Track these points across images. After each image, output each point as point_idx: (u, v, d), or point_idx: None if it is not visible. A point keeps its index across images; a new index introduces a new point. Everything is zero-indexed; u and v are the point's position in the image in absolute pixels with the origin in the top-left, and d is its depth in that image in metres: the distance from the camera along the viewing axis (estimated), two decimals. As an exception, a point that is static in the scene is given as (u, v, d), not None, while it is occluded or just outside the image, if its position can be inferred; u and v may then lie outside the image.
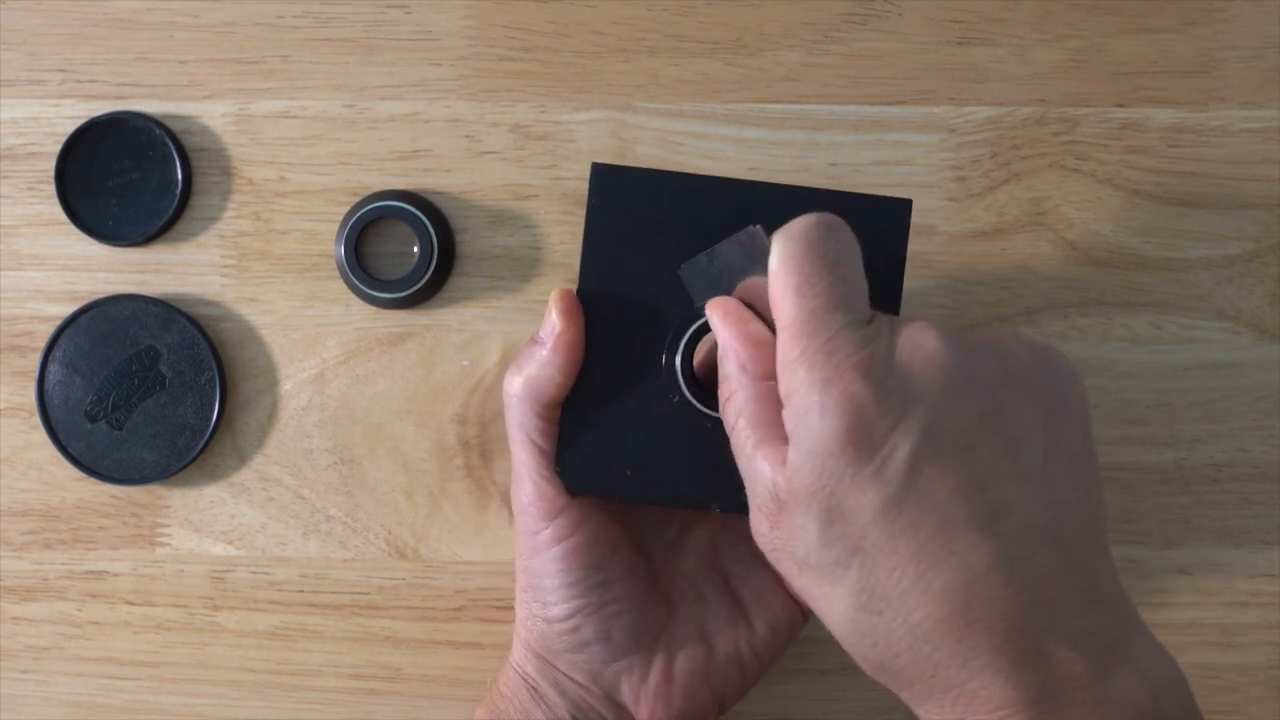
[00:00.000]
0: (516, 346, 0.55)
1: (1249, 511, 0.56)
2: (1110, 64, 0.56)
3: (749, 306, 0.44)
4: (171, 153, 0.55)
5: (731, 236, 0.44)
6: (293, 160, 0.56)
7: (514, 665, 0.49)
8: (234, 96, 0.56)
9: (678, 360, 0.46)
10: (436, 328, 0.56)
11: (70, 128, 0.55)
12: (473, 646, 0.56)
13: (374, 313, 0.56)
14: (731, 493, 0.44)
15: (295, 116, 0.56)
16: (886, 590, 0.39)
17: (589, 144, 0.56)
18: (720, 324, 0.43)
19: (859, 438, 0.39)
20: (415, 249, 0.55)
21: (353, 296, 0.56)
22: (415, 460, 0.56)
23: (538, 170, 0.56)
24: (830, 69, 0.56)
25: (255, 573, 0.56)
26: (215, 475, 0.56)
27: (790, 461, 0.40)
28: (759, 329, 0.43)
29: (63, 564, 0.56)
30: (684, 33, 0.56)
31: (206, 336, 0.55)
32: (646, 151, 0.56)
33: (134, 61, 0.56)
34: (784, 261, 0.41)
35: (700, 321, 0.46)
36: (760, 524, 0.42)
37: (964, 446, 0.40)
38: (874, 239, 0.43)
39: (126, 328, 0.55)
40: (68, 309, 0.55)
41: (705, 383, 0.46)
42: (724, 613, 0.49)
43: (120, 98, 0.56)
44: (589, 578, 0.47)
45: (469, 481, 0.56)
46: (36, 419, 0.55)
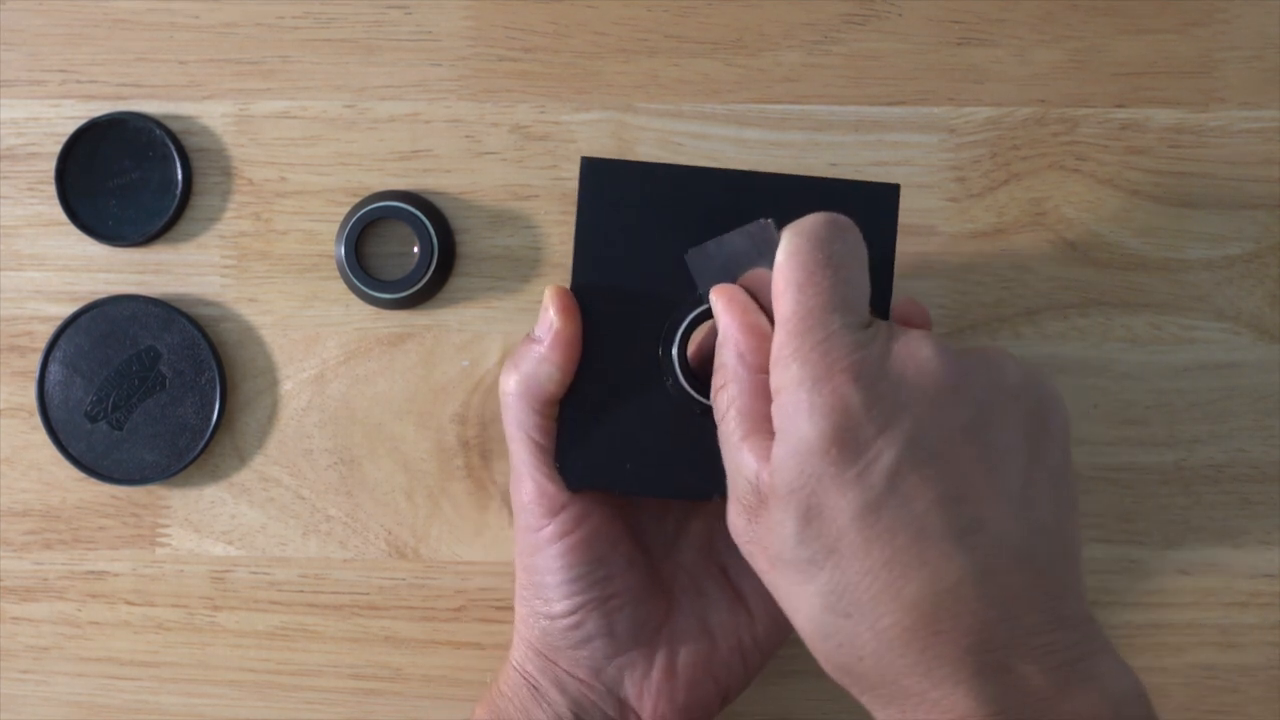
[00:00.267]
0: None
1: (1249, 512, 0.56)
2: (1110, 64, 0.56)
3: (752, 297, 0.44)
4: (172, 153, 0.55)
5: (742, 227, 0.44)
6: (293, 160, 0.56)
7: (514, 664, 0.49)
8: (234, 97, 0.56)
9: (674, 350, 0.46)
10: (436, 328, 0.56)
11: (70, 128, 0.55)
12: (473, 647, 0.56)
13: (374, 313, 0.56)
14: None
15: (295, 117, 0.56)
16: (857, 594, 0.39)
17: (589, 144, 0.56)
18: (723, 311, 0.44)
19: (844, 440, 0.39)
20: (415, 249, 0.55)
21: (353, 297, 0.56)
22: (415, 460, 0.56)
23: (538, 171, 0.56)
24: (830, 69, 0.56)
25: (255, 573, 0.56)
26: (215, 475, 0.56)
27: (774, 457, 0.40)
28: (761, 320, 0.43)
29: (63, 564, 0.56)
30: (684, 33, 0.56)
31: (206, 337, 0.55)
32: (647, 152, 0.56)
33: (134, 62, 0.56)
34: (790, 256, 0.41)
35: (697, 310, 0.46)
36: (738, 516, 0.43)
37: (947, 458, 0.40)
38: (864, 225, 0.43)
39: (127, 328, 0.55)
40: (68, 309, 0.55)
41: (698, 371, 0.46)
42: (724, 604, 0.49)
43: (120, 98, 0.56)
44: (591, 573, 0.47)
45: (469, 481, 0.56)
46: (37, 419, 0.55)
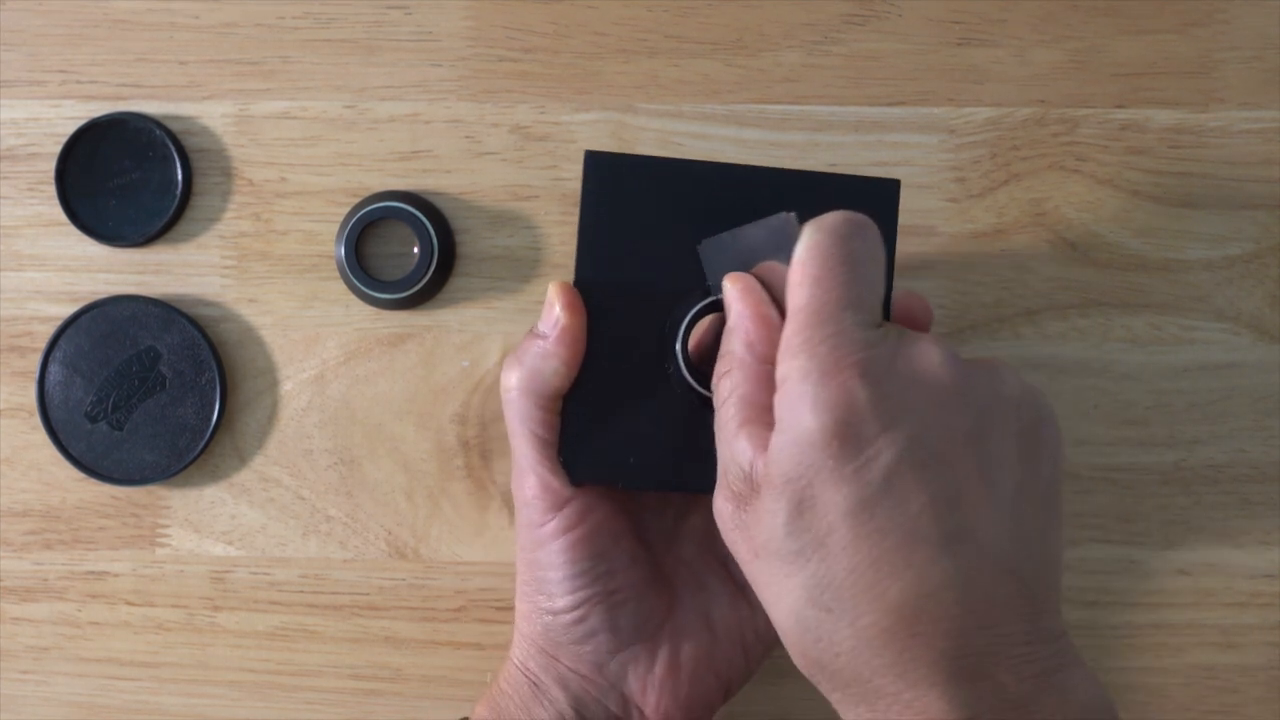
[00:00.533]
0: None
1: (1249, 512, 0.56)
2: (1110, 65, 0.56)
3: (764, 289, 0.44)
4: (172, 153, 0.55)
5: (761, 220, 0.44)
6: (293, 161, 0.56)
7: (515, 661, 0.49)
8: (234, 97, 0.56)
9: (679, 338, 0.46)
10: (437, 328, 0.56)
11: (70, 128, 0.55)
12: (473, 647, 0.56)
13: (374, 313, 0.56)
14: None
15: (295, 117, 0.56)
16: (840, 589, 0.39)
17: (589, 145, 0.56)
18: (737, 298, 0.44)
19: (846, 434, 0.39)
20: (415, 250, 0.55)
21: (353, 297, 0.56)
22: (415, 461, 0.56)
23: (538, 171, 0.56)
24: (830, 70, 0.56)
25: (255, 573, 0.56)
26: (215, 476, 0.56)
27: (773, 446, 0.40)
28: (773, 311, 0.43)
29: (63, 564, 0.56)
30: (684, 33, 0.56)
31: (207, 337, 0.55)
32: (647, 152, 0.56)
33: (134, 62, 0.56)
34: (809, 250, 0.42)
35: (706, 301, 0.46)
36: (726, 502, 0.43)
37: (945, 463, 0.40)
38: None
39: (127, 328, 0.55)
40: (68, 309, 0.55)
41: (697, 364, 0.47)
42: (726, 598, 0.49)
43: (120, 98, 0.56)
44: (594, 568, 0.47)
45: (469, 482, 0.56)
46: (37, 419, 0.55)
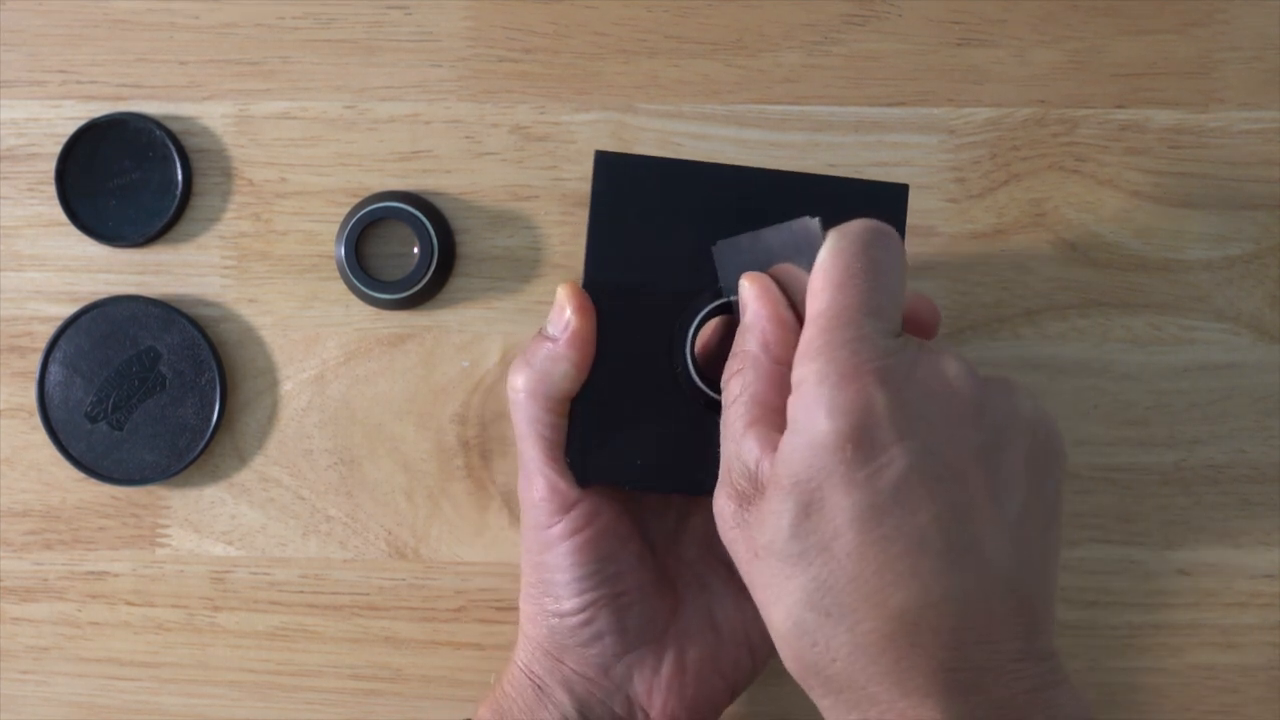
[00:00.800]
0: (517, 347, 0.55)
1: (1248, 513, 0.56)
2: (1110, 65, 0.56)
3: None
4: (172, 154, 0.55)
5: (782, 224, 0.44)
6: (293, 161, 0.56)
7: (519, 664, 0.49)
8: (234, 97, 0.56)
9: (689, 338, 0.46)
10: (437, 328, 0.56)
11: (70, 128, 0.55)
12: (473, 647, 0.56)
13: (374, 313, 0.56)
14: None
15: (295, 117, 0.56)
16: (842, 594, 0.39)
17: (589, 145, 0.56)
18: (755, 299, 0.44)
19: (861, 440, 0.39)
20: (415, 250, 0.55)
21: (353, 297, 0.56)
22: (415, 461, 0.56)
23: (538, 171, 0.56)
24: (830, 70, 0.56)
25: (255, 573, 0.56)
26: (215, 476, 0.56)
27: (783, 447, 0.40)
28: (790, 314, 0.43)
29: (63, 564, 0.56)
30: (684, 34, 0.56)
31: (207, 337, 0.55)
32: (647, 152, 0.56)
33: (134, 62, 0.56)
34: (833, 255, 0.42)
35: (718, 302, 0.46)
36: (728, 500, 0.43)
37: (956, 476, 0.40)
38: None
39: (127, 328, 0.55)
40: (68, 310, 0.55)
41: (703, 365, 0.47)
42: (730, 599, 0.49)
43: (120, 99, 0.56)
44: (602, 570, 0.47)
45: (469, 482, 0.56)
46: (37, 419, 0.55)
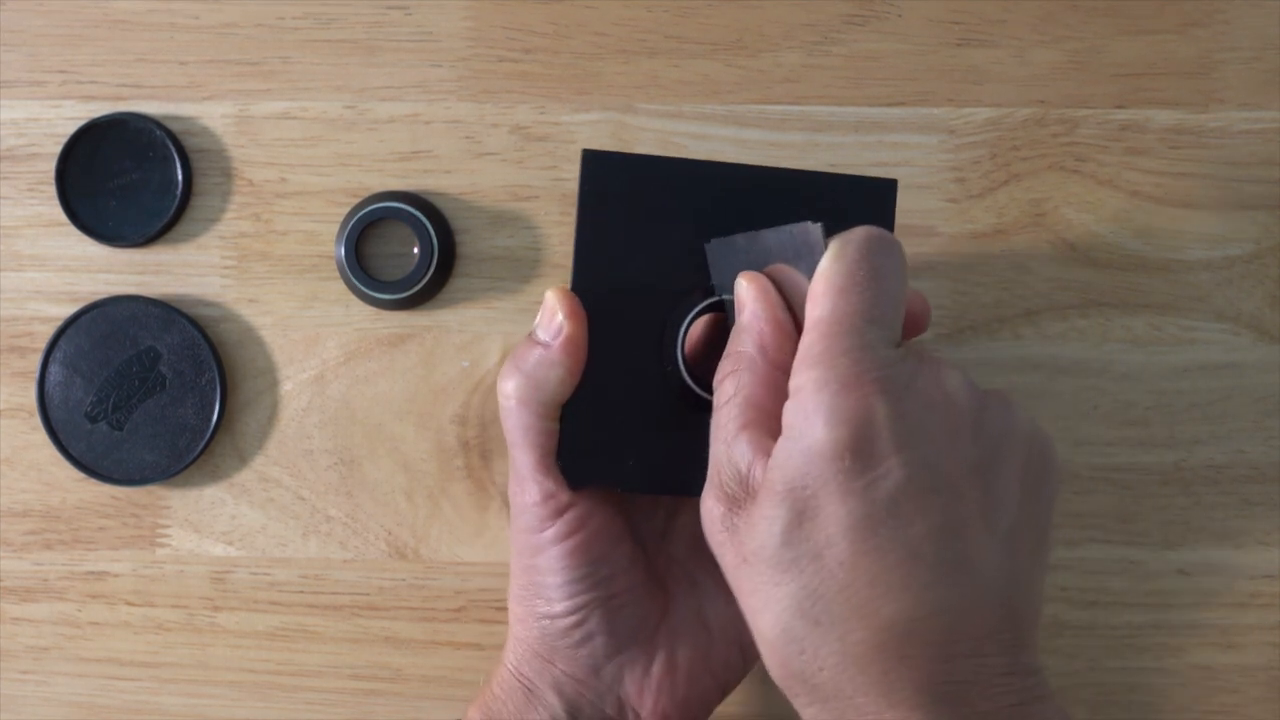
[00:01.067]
0: (516, 347, 0.56)
1: (1248, 513, 0.56)
2: (1110, 65, 0.56)
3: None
4: (172, 154, 0.55)
5: (782, 226, 0.44)
6: (293, 161, 0.56)
7: (509, 666, 0.49)
8: (234, 98, 0.56)
9: (680, 338, 0.46)
10: (437, 329, 0.56)
11: (71, 129, 0.55)
12: (473, 647, 0.56)
13: (374, 313, 0.56)
14: None
15: (295, 118, 0.56)
16: (833, 604, 0.39)
17: (589, 145, 0.55)
18: (754, 299, 0.44)
19: (860, 449, 0.39)
20: (415, 250, 0.55)
21: (353, 297, 0.56)
22: (415, 461, 0.56)
23: (538, 171, 0.56)
24: (830, 70, 0.56)
25: (255, 573, 0.56)
26: (215, 476, 0.56)
27: (778, 452, 0.40)
28: (788, 317, 0.43)
29: (63, 564, 0.56)
30: (684, 34, 0.56)
31: (207, 337, 0.55)
32: (647, 152, 0.56)
33: (134, 62, 0.56)
34: (836, 261, 0.41)
35: (709, 301, 0.46)
36: (716, 504, 0.42)
37: (953, 490, 0.40)
38: (862, 219, 0.43)
39: (127, 328, 0.55)
40: (68, 310, 0.55)
41: (692, 364, 0.47)
42: (720, 596, 0.49)
43: (120, 99, 0.56)
44: (595, 573, 0.47)
45: (469, 482, 0.56)
46: (37, 419, 0.55)
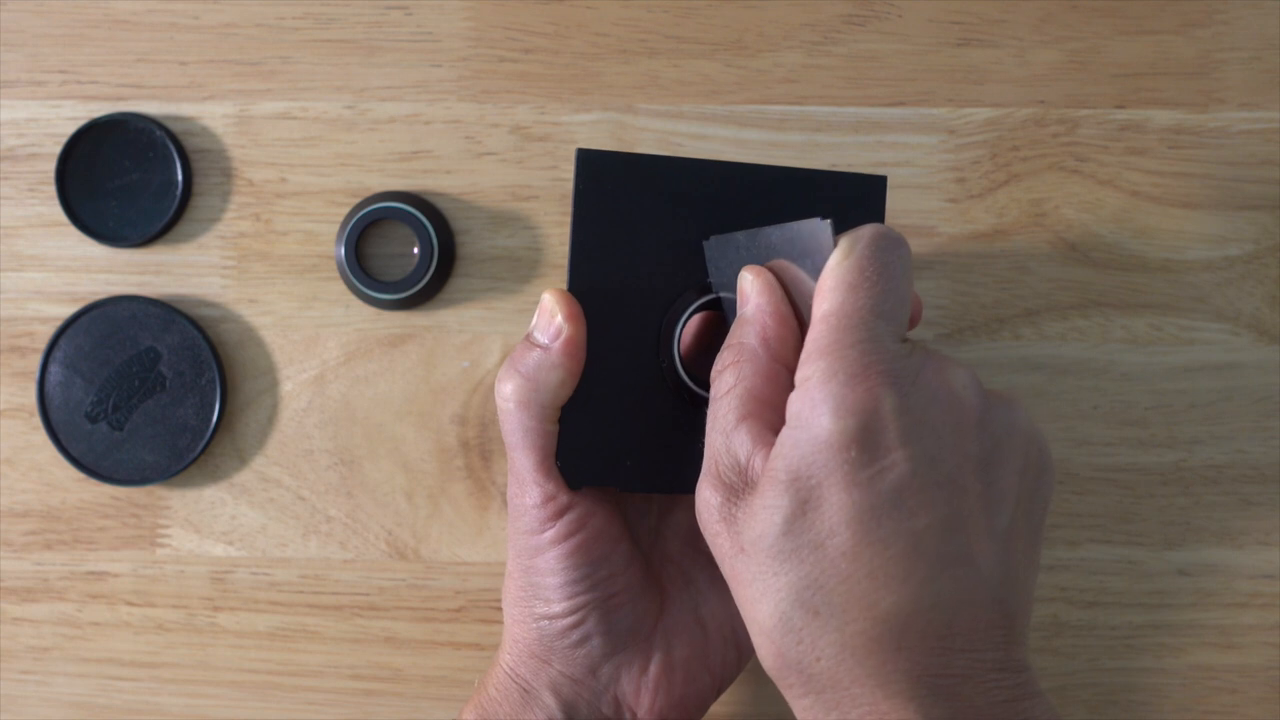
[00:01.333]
0: (516, 347, 0.56)
1: (1248, 513, 0.56)
2: (1109, 65, 0.56)
3: None
4: (172, 154, 0.55)
5: (789, 223, 0.44)
6: (293, 161, 0.56)
7: (505, 667, 0.49)
8: (234, 98, 0.56)
9: (677, 334, 0.46)
10: (437, 329, 0.56)
11: (71, 129, 0.55)
12: (473, 647, 0.56)
13: (374, 314, 0.56)
14: None
15: (295, 118, 0.56)
16: (832, 594, 0.39)
17: (589, 145, 0.56)
18: (758, 294, 0.44)
19: (865, 441, 0.39)
20: (415, 250, 0.55)
21: (353, 297, 0.56)
22: (415, 461, 0.56)
23: (538, 171, 0.56)
24: (830, 70, 0.56)
25: (255, 573, 0.56)
26: (215, 476, 0.56)
27: (782, 441, 0.40)
28: (791, 311, 0.43)
29: (63, 565, 0.56)
30: (684, 34, 0.56)
31: (207, 337, 0.55)
32: (647, 152, 0.55)
33: (134, 63, 0.56)
34: (846, 257, 0.42)
35: (706, 298, 0.46)
36: (712, 494, 0.42)
37: (956, 485, 0.40)
38: (853, 216, 0.44)
39: (127, 329, 0.55)
40: (68, 310, 0.55)
41: (686, 360, 0.47)
42: (715, 594, 0.49)
43: (120, 99, 0.56)
44: (594, 573, 0.47)
45: (469, 482, 0.56)
46: (37, 420, 0.55)
